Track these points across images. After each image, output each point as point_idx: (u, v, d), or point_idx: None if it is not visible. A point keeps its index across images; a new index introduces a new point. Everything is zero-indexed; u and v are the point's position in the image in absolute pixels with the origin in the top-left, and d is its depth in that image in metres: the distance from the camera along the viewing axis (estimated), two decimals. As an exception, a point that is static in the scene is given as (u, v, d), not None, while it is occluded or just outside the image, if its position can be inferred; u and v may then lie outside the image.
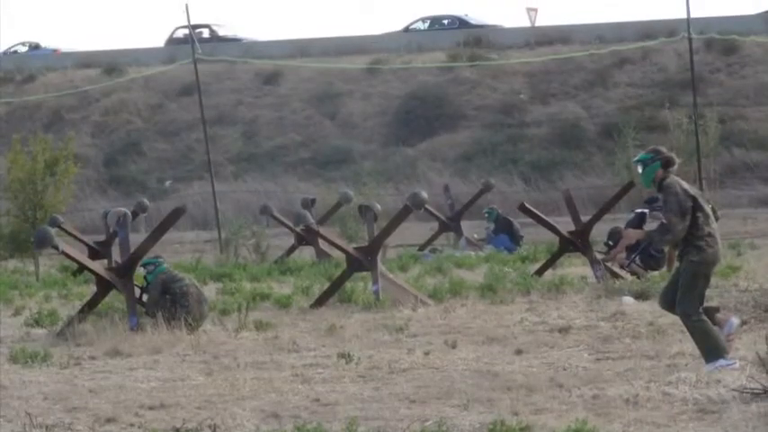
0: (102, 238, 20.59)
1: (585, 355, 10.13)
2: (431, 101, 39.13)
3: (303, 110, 40.52)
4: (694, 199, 8.94)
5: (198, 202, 34.06)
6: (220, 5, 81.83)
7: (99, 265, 13.63)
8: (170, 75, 39.64)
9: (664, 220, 8.92)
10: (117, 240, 14.60)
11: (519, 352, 10.35)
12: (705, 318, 8.95)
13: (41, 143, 25.41)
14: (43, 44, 48.26)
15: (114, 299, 13.09)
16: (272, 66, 40.30)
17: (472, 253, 21.39)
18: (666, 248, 14.72)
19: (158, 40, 48.31)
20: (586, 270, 15.87)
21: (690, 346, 9.43)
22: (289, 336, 11.66)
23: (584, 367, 9.54)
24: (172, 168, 39.33)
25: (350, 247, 14.59)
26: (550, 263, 16.36)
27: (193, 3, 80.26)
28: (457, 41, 41.43)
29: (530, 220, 17.31)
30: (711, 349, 8.87)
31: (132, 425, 8.04)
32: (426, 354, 10.34)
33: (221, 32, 45.68)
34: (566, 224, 16.33)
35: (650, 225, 14.37)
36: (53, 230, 13.66)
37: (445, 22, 44.57)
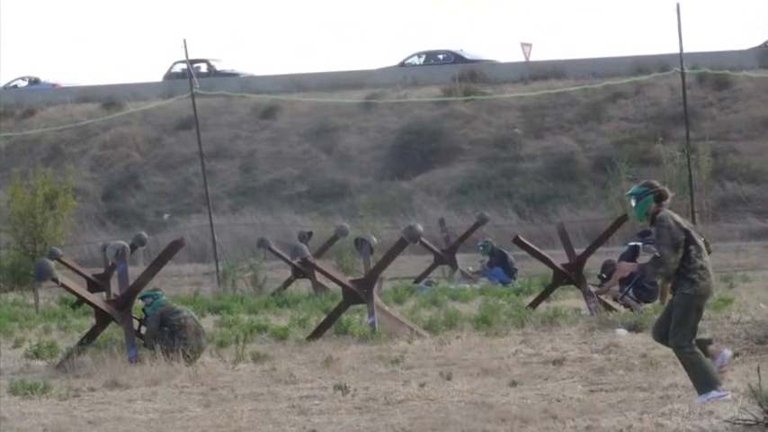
0: (101, 270, 20.71)
1: (579, 386, 10.20)
2: (426, 135, 39.31)
3: (300, 144, 40.69)
4: (687, 232, 9.01)
5: (196, 236, 34.16)
6: (218, 40, 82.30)
7: (98, 298, 13.72)
8: (168, 109, 39.84)
9: (657, 253, 9.02)
10: (116, 273, 14.70)
11: (513, 384, 10.42)
12: (698, 350, 9.00)
13: (41, 177, 25.56)
14: (43, 79, 48.43)
15: (113, 331, 13.17)
16: (269, 100, 40.48)
17: (467, 286, 21.47)
18: (659, 281, 14.84)
19: (157, 75, 48.65)
20: (580, 302, 15.95)
21: (682, 377, 9.51)
22: (286, 367, 11.73)
23: (578, 399, 9.61)
24: (170, 202, 39.44)
25: (346, 280, 14.66)
26: (545, 295, 16.44)
27: (191, 38, 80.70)
28: (452, 76, 41.63)
29: (524, 252, 17.42)
30: (704, 381, 8.93)
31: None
32: (422, 385, 10.41)
33: (219, 67, 45.89)
34: (560, 257, 16.40)
35: (643, 258, 14.48)
36: (53, 263, 13.77)
37: (440, 56, 44.81)
